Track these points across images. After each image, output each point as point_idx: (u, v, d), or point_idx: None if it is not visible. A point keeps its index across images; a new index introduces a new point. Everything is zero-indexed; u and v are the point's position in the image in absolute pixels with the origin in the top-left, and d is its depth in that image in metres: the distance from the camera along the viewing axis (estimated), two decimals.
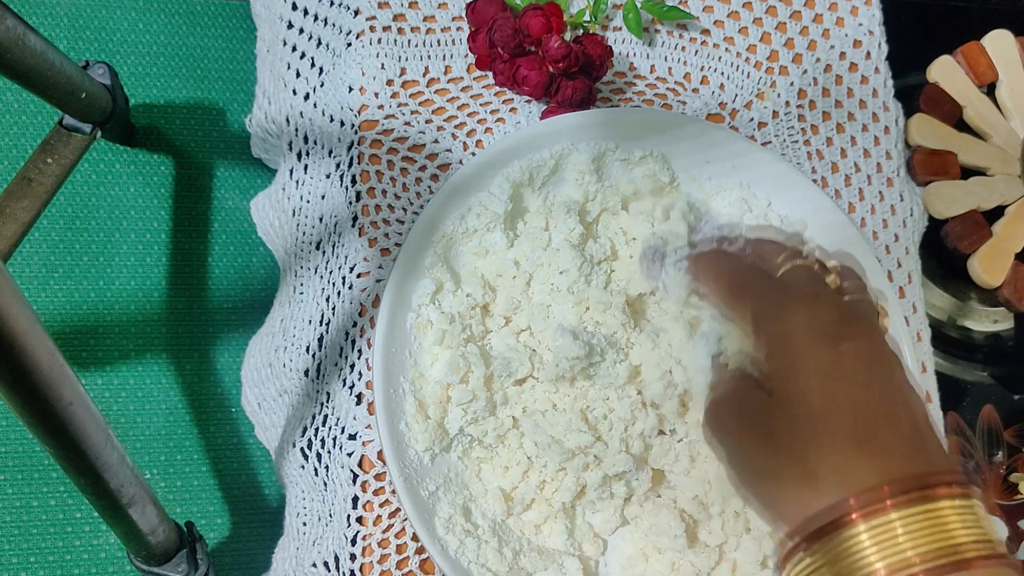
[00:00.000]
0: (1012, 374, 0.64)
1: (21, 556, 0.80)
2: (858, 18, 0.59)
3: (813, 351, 0.32)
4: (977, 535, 0.28)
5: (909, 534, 0.28)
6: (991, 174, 0.64)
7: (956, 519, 0.28)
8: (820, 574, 0.29)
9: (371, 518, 0.46)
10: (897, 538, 0.28)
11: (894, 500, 0.28)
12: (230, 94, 0.96)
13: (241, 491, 0.85)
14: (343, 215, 0.51)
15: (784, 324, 0.33)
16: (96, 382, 0.85)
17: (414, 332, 0.46)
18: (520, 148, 0.48)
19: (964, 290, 0.64)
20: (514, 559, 0.44)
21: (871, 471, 0.29)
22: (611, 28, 0.56)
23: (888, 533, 0.28)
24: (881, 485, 0.28)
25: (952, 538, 0.28)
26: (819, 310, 0.33)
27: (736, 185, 0.51)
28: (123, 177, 0.91)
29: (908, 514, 0.28)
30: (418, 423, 0.44)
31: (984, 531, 0.28)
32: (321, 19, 0.55)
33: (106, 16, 0.95)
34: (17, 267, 0.86)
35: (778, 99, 0.56)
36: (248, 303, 0.90)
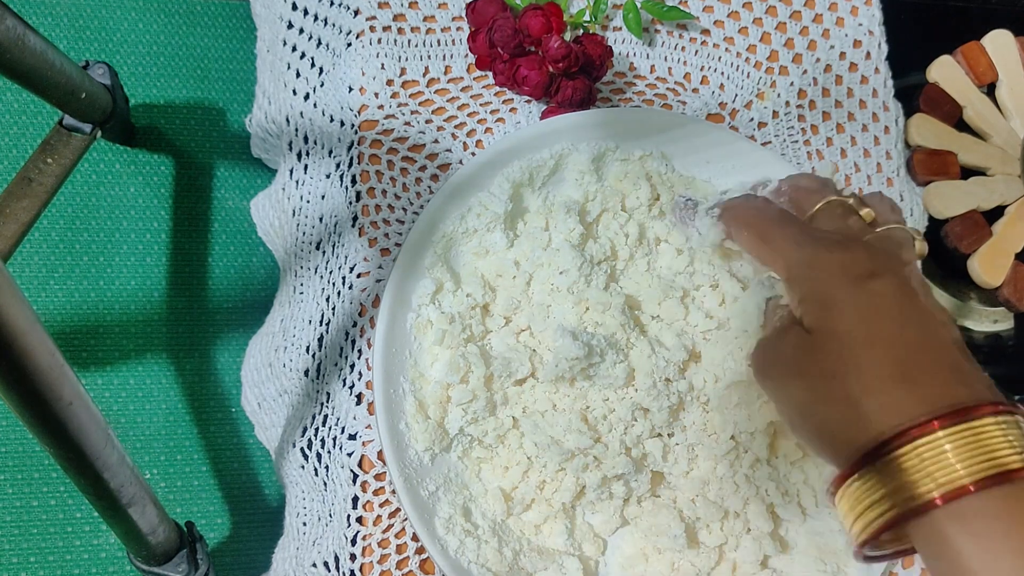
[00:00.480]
0: (1012, 374, 0.64)
1: (21, 556, 0.80)
2: (858, 18, 0.59)
3: (846, 292, 0.33)
4: (1020, 449, 0.29)
5: (956, 451, 0.29)
6: (991, 174, 0.64)
7: (1000, 436, 0.29)
8: (872, 496, 0.30)
9: (371, 518, 0.46)
10: (946, 455, 0.29)
11: (941, 422, 0.29)
12: (230, 94, 0.96)
13: (241, 491, 0.85)
14: (343, 215, 0.51)
15: (814, 269, 0.34)
16: (96, 382, 0.85)
17: (414, 332, 0.46)
18: (520, 148, 0.48)
19: (964, 290, 0.64)
20: (514, 559, 0.44)
21: (915, 402, 0.30)
22: (611, 28, 0.56)
23: (936, 451, 0.29)
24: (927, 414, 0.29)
25: (997, 453, 0.29)
26: (847, 252, 0.34)
27: (736, 185, 0.51)
28: (123, 177, 0.91)
29: (954, 432, 0.29)
30: (418, 423, 0.44)
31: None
32: (321, 19, 0.55)
33: (106, 16, 0.95)
34: (17, 267, 0.86)
35: (778, 99, 0.56)
36: (248, 303, 0.90)
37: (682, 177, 0.51)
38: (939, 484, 0.29)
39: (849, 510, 0.31)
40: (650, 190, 0.49)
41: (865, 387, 0.31)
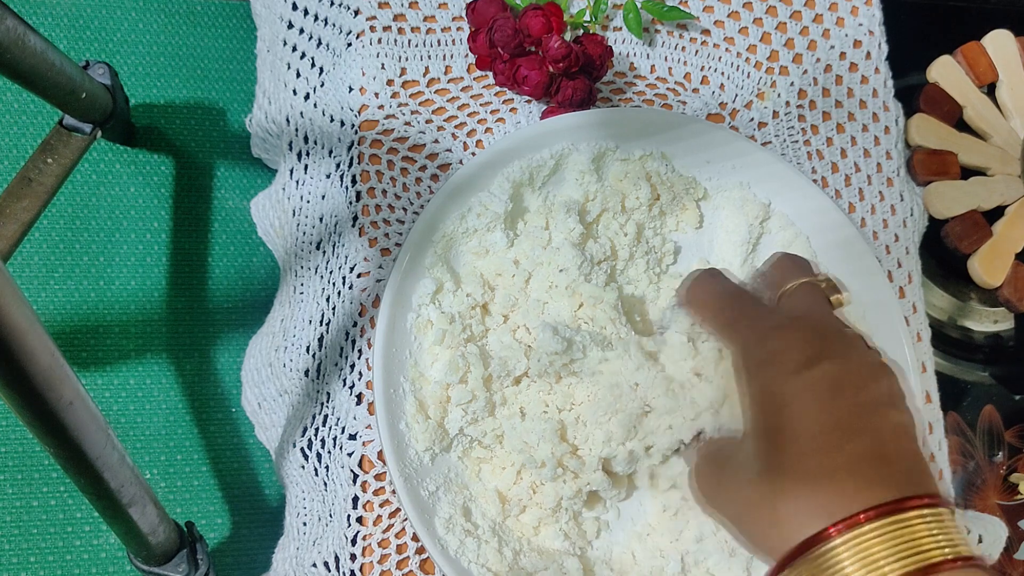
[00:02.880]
0: (1012, 374, 0.64)
1: (21, 556, 0.80)
2: (858, 18, 0.59)
3: (781, 380, 0.32)
4: (946, 542, 0.29)
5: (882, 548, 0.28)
6: (991, 174, 0.64)
7: (924, 529, 0.29)
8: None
9: (371, 518, 0.46)
10: (871, 549, 0.28)
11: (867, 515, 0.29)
12: (230, 94, 0.96)
13: (241, 491, 0.85)
14: (343, 215, 0.51)
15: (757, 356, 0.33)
16: (96, 382, 0.85)
17: (414, 332, 0.46)
18: (520, 148, 0.48)
19: (964, 290, 0.64)
20: (514, 559, 0.44)
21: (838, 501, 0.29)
22: (611, 28, 0.56)
23: (858, 549, 0.28)
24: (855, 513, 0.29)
25: (921, 546, 0.28)
26: (791, 334, 0.33)
27: (736, 185, 0.51)
28: (123, 177, 0.91)
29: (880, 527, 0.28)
30: (418, 423, 0.44)
31: (952, 538, 0.29)
32: (321, 19, 0.55)
33: (106, 16, 0.95)
34: (17, 267, 0.86)
35: (778, 99, 0.56)
36: (248, 303, 0.90)
37: (682, 177, 0.51)
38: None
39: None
40: (650, 190, 0.50)
41: (782, 489, 0.30)
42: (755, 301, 0.37)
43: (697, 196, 0.51)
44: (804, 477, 0.30)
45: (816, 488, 0.30)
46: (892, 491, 0.29)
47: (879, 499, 0.29)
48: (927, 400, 0.53)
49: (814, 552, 0.29)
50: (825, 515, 0.29)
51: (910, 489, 0.30)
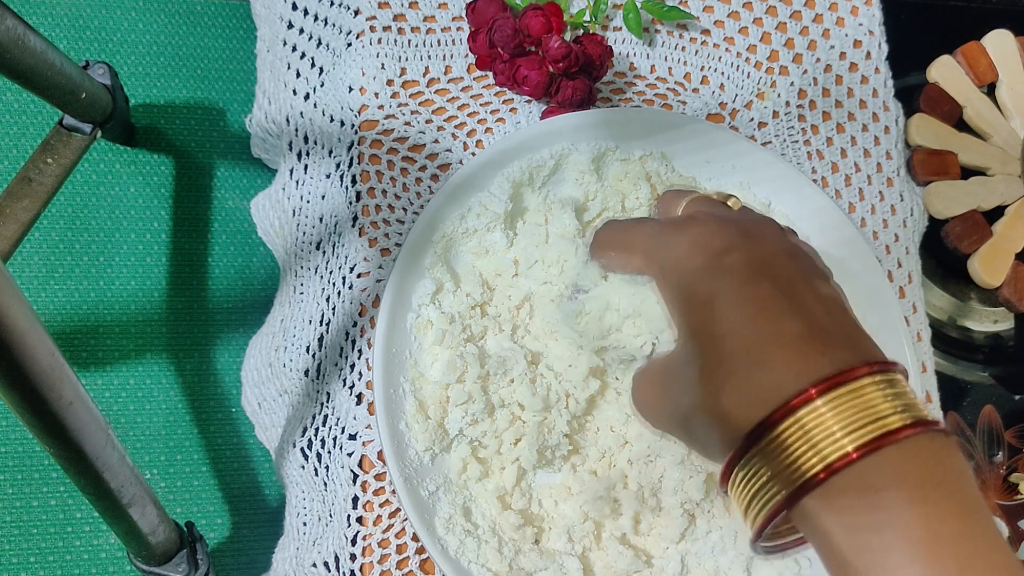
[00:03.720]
0: (1012, 374, 0.64)
1: (21, 556, 0.80)
2: (858, 18, 0.59)
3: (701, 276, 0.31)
4: (903, 407, 0.27)
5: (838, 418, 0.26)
6: (991, 174, 0.64)
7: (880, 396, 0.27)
8: (759, 481, 0.28)
9: (371, 518, 0.46)
10: (825, 423, 0.26)
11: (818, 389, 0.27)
12: (230, 94, 0.96)
13: (241, 491, 0.85)
14: (343, 215, 0.51)
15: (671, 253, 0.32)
16: (96, 382, 0.85)
17: (414, 332, 0.46)
18: (520, 148, 0.48)
19: (964, 290, 0.64)
20: (514, 559, 0.44)
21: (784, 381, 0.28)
22: (611, 28, 0.56)
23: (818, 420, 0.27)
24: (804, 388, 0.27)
25: (878, 413, 0.26)
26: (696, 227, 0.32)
27: (736, 185, 0.51)
28: (123, 177, 0.91)
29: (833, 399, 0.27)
30: (418, 423, 0.44)
31: (908, 403, 0.27)
32: (321, 19, 0.55)
33: (106, 16, 0.95)
34: (17, 267, 0.86)
35: (778, 99, 0.56)
36: (248, 303, 0.90)
37: (682, 177, 0.51)
38: (823, 456, 0.26)
39: (740, 501, 0.29)
40: (650, 190, 0.50)
41: (725, 382, 0.29)
42: (649, 220, 0.36)
43: None
44: (744, 366, 0.29)
45: (759, 373, 0.28)
46: (838, 362, 0.28)
47: (827, 372, 0.27)
48: (927, 400, 0.53)
49: (767, 437, 0.27)
50: (772, 398, 0.27)
51: (857, 358, 0.28)
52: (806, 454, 0.26)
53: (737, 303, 0.30)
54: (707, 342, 0.30)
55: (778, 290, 0.30)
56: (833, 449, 0.26)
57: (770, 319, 0.29)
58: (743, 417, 0.28)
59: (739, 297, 0.30)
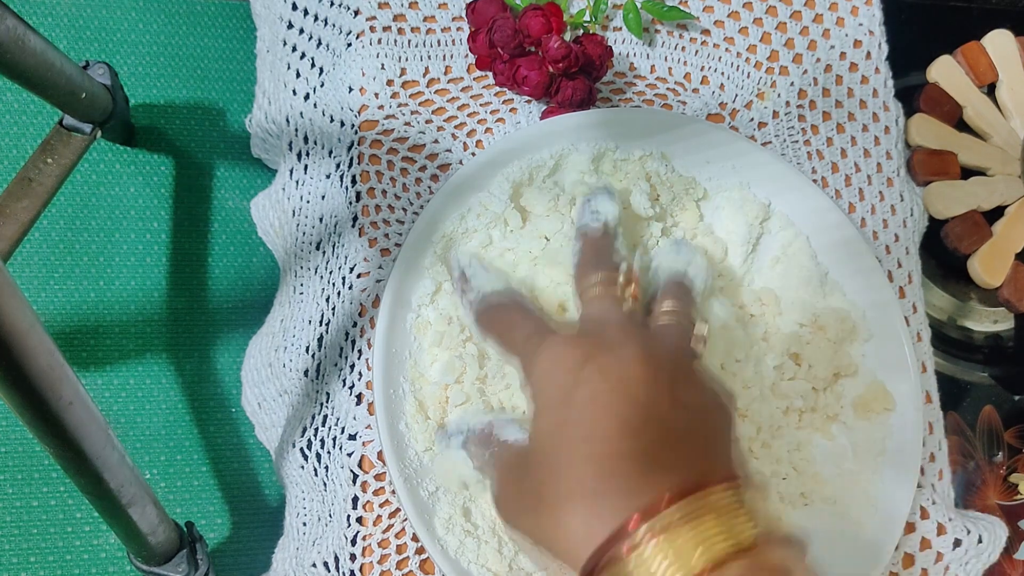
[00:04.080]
0: (1012, 374, 0.64)
1: (21, 556, 0.80)
2: (858, 18, 0.59)
3: (555, 387, 0.31)
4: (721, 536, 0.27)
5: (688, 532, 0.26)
6: (991, 174, 0.64)
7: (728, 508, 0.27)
8: None
9: (371, 518, 0.46)
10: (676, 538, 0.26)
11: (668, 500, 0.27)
12: (230, 94, 0.96)
13: (241, 491, 0.85)
14: (343, 215, 0.51)
15: (538, 366, 0.33)
16: (96, 382, 0.85)
17: (414, 332, 0.46)
18: (520, 148, 0.48)
19: (964, 290, 0.64)
20: (514, 559, 0.44)
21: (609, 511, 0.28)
22: (611, 28, 0.56)
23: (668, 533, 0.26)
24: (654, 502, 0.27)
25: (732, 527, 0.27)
26: (566, 341, 0.33)
27: (736, 185, 0.51)
28: (123, 177, 0.91)
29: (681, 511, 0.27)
30: (418, 423, 0.44)
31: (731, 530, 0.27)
32: (321, 19, 0.55)
33: (106, 16, 0.95)
34: (17, 267, 0.86)
35: (778, 99, 0.56)
36: (248, 303, 0.90)
37: (682, 177, 0.51)
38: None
39: None
40: (650, 190, 0.49)
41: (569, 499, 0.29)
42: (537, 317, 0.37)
43: (697, 196, 0.51)
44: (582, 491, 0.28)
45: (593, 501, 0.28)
46: (687, 476, 0.28)
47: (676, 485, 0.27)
48: (927, 400, 0.53)
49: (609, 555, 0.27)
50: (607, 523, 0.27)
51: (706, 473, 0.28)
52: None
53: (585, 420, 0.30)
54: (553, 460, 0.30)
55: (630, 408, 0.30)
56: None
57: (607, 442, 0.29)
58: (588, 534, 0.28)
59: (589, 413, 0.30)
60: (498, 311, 0.39)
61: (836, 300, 0.50)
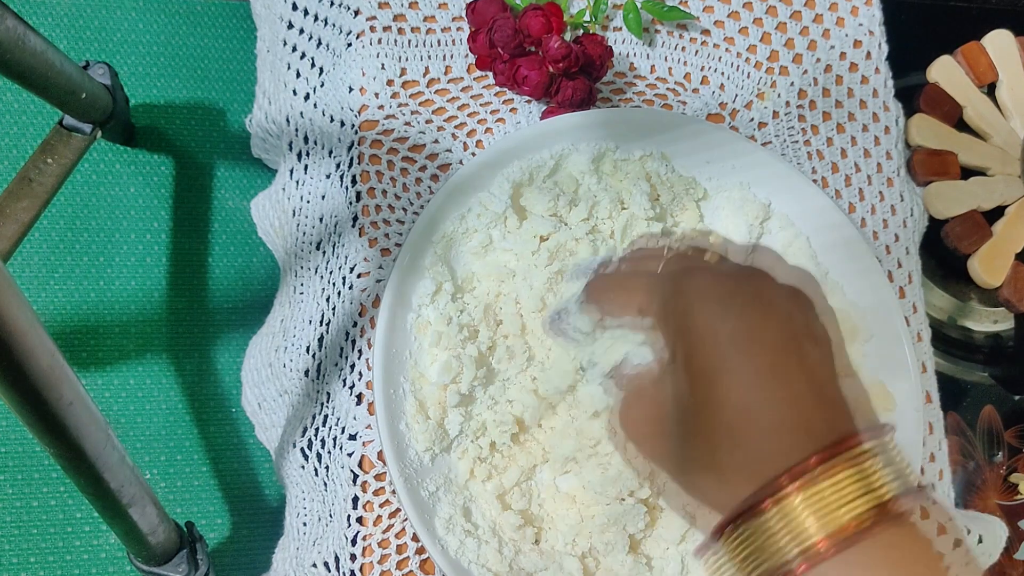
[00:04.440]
0: (1012, 374, 0.64)
1: (21, 556, 0.80)
2: (858, 18, 0.59)
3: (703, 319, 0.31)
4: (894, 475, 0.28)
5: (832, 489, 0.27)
6: (991, 174, 0.64)
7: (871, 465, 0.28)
8: (747, 548, 0.29)
9: (371, 518, 0.46)
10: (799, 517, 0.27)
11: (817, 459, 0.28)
12: (230, 94, 0.96)
13: (241, 491, 0.85)
14: (343, 215, 0.51)
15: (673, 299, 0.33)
16: (96, 382, 0.85)
17: (414, 332, 0.46)
18: (520, 148, 0.48)
19: (964, 290, 0.64)
20: (514, 559, 0.44)
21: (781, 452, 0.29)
22: (611, 28, 0.56)
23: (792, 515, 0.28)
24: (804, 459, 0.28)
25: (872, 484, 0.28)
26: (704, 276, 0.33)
27: (736, 185, 0.51)
28: (123, 177, 0.91)
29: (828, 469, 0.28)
30: (418, 423, 0.44)
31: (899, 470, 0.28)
32: (321, 19, 0.55)
33: (106, 16, 0.95)
34: (17, 267, 0.86)
35: (778, 99, 0.56)
36: (248, 303, 0.90)
37: (682, 177, 0.51)
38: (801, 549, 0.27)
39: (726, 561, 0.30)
40: (650, 190, 0.50)
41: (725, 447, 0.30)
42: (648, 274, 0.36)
43: (697, 196, 0.51)
44: (745, 433, 0.29)
45: (760, 442, 0.29)
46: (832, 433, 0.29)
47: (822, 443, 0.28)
48: (927, 400, 0.53)
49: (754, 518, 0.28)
50: (770, 467, 0.28)
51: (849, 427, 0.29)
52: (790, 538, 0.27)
53: (743, 363, 0.30)
54: (711, 402, 0.31)
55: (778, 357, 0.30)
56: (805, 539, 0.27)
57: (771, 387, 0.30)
58: (742, 483, 0.29)
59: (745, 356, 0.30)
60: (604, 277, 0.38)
61: (836, 300, 0.50)
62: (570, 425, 0.46)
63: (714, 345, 0.31)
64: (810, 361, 0.31)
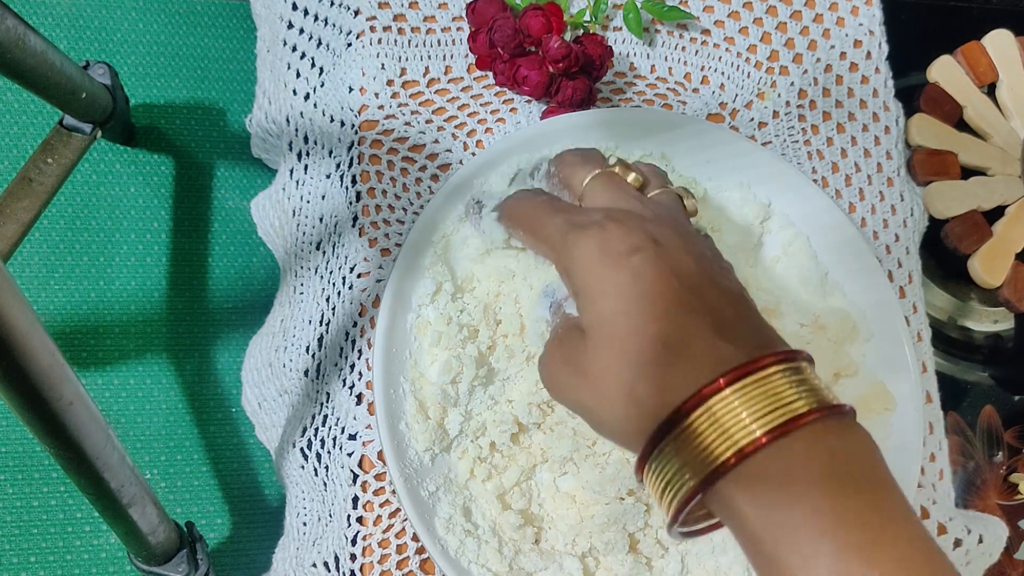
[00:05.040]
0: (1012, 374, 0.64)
1: (21, 556, 0.80)
2: (858, 18, 0.59)
3: (606, 274, 0.32)
4: (807, 393, 0.28)
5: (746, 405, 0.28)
6: (991, 174, 0.64)
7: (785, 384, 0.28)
8: (671, 469, 0.29)
9: (371, 518, 0.46)
10: (736, 411, 0.28)
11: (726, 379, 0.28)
12: (230, 94, 0.96)
13: (241, 491, 0.85)
14: (343, 215, 0.51)
15: (579, 254, 0.34)
16: (96, 382, 0.85)
17: (414, 332, 0.46)
18: (520, 148, 0.48)
19: (964, 290, 0.64)
20: (514, 559, 0.44)
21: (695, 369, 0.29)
22: (611, 28, 0.56)
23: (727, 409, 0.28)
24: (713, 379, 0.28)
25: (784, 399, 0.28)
26: (603, 231, 0.33)
27: (736, 185, 0.51)
28: (123, 177, 0.91)
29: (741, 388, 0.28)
30: (418, 423, 0.44)
31: (813, 388, 0.29)
32: (321, 19, 0.55)
33: (106, 16, 0.95)
34: (17, 267, 0.86)
35: (778, 99, 0.56)
36: (248, 303, 0.90)
37: (682, 177, 0.51)
38: (734, 442, 0.27)
39: (655, 488, 0.30)
40: None
41: (640, 373, 0.30)
42: (561, 206, 0.37)
43: (697, 196, 0.51)
44: (657, 358, 0.30)
45: (671, 365, 0.30)
46: (745, 353, 0.29)
47: (734, 362, 0.29)
48: (927, 400, 0.53)
49: (679, 426, 0.28)
50: (684, 388, 0.29)
51: (763, 348, 0.30)
52: (717, 441, 0.28)
53: (647, 300, 0.31)
54: (618, 334, 0.31)
55: (685, 288, 0.31)
56: (743, 435, 0.27)
57: (679, 315, 0.31)
58: (656, 406, 0.29)
59: (649, 295, 0.31)
60: (521, 203, 0.40)
61: (836, 300, 0.50)
62: (567, 425, 0.46)
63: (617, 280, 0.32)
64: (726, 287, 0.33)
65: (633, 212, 0.35)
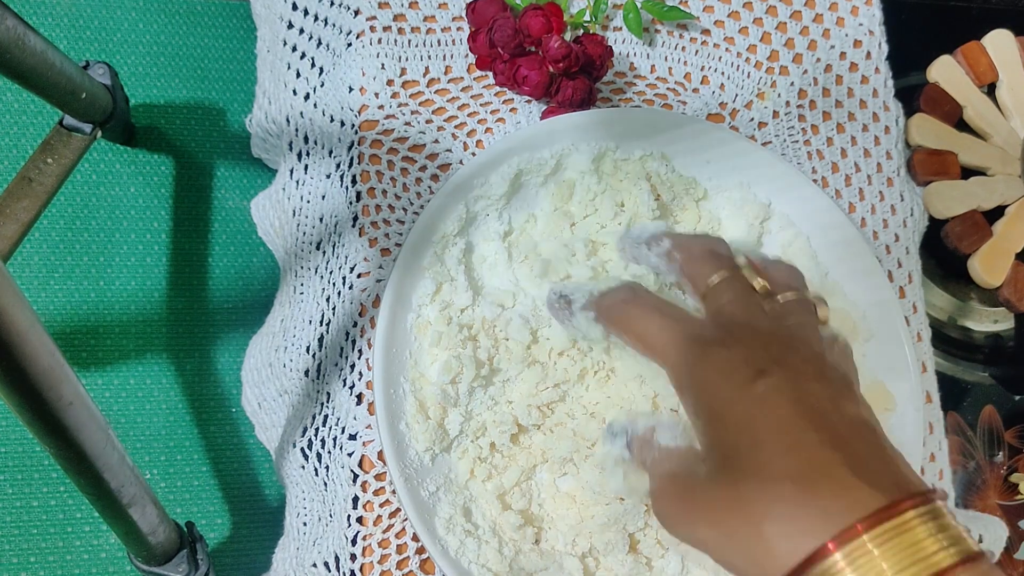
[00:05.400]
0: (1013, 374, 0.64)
1: (21, 556, 0.80)
2: (858, 18, 0.59)
3: (730, 401, 0.30)
4: (949, 542, 0.27)
5: (884, 556, 0.26)
6: (991, 174, 0.64)
7: (925, 531, 0.27)
8: None
9: (371, 518, 0.46)
10: (874, 561, 0.26)
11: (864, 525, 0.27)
12: (230, 94, 0.96)
13: (241, 491, 0.85)
14: (343, 215, 0.51)
15: (697, 376, 0.32)
16: (96, 382, 0.85)
17: (414, 332, 0.46)
18: (520, 148, 0.48)
19: (964, 290, 0.64)
20: (514, 559, 0.44)
21: (817, 519, 0.27)
22: (611, 28, 0.56)
23: (865, 558, 0.26)
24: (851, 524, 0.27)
25: (925, 550, 0.26)
26: (728, 350, 0.31)
27: (736, 185, 0.51)
28: (123, 177, 0.91)
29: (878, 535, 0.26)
30: (418, 423, 0.44)
31: (954, 536, 0.27)
32: (321, 19, 0.55)
33: (106, 16, 0.95)
34: (17, 267, 0.86)
35: (778, 99, 0.56)
36: (248, 303, 0.90)
37: (682, 177, 0.51)
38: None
39: None
40: (650, 190, 0.50)
41: (768, 513, 0.28)
42: (670, 310, 0.35)
43: (697, 196, 0.51)
44: (785, 496, 0.28)
45: (802, 505, 0.28)
46: (880, 495, 0.27)
47: (870, 507, 0.27)
48: (927, 400, 0.53)
49: (814, 571, 0.27)
50: (818, 531, 0.27)
51: (898, 489, 0.28)
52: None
53: (772, 432, 0.29)
54: (744, 468, 0.29)
55: (812, 418, 0.29)
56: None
57: (809, 449, 0.29)
58: (787, 550, 0.28)
59: (773, 426, 0.29)
60: (624, 306, 0.36)
61: (836, 300, 0.50)
62: (567, 426, 0.46)
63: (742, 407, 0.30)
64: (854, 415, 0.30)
65: (759, 329, 0.33)
